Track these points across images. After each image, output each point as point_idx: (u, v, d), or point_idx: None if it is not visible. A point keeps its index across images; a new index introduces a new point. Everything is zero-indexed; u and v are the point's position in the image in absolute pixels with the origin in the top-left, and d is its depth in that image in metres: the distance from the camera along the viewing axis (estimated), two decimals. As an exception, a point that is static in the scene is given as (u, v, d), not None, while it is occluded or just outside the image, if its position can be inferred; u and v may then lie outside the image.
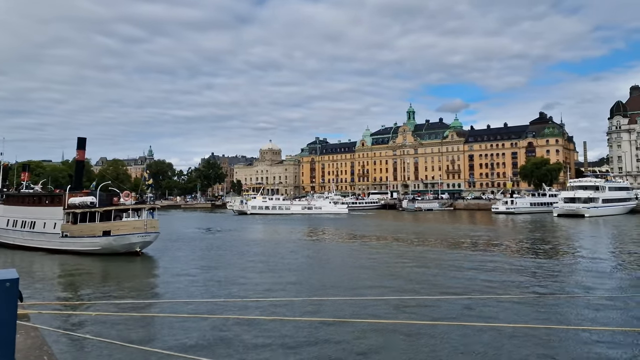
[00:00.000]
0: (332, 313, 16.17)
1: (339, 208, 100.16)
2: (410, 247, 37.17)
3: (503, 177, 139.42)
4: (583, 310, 16.64)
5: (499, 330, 13.74)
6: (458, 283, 21.42)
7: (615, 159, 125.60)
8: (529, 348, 12.40)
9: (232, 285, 21.48)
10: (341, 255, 33.35)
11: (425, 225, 62.50)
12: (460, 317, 15.30)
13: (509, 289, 20.03)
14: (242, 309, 16.82)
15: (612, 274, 24.08)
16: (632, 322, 14.99)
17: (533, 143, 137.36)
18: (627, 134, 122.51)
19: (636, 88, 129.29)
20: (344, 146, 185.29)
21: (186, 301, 17.85)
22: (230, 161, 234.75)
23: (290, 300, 17.76)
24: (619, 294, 19.09)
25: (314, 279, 23.53)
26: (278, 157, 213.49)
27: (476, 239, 43.21)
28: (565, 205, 78.24)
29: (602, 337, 13.24)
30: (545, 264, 27.48)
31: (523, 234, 49.01)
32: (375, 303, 17.32)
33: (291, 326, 14.44)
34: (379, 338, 13.36)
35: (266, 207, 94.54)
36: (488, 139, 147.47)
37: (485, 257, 30.63)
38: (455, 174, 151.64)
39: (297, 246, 38.37)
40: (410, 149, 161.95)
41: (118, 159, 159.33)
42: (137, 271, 27.33)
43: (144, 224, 31.40)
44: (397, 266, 26.99)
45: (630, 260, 29.28)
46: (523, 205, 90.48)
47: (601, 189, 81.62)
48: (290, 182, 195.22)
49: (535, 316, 15.59)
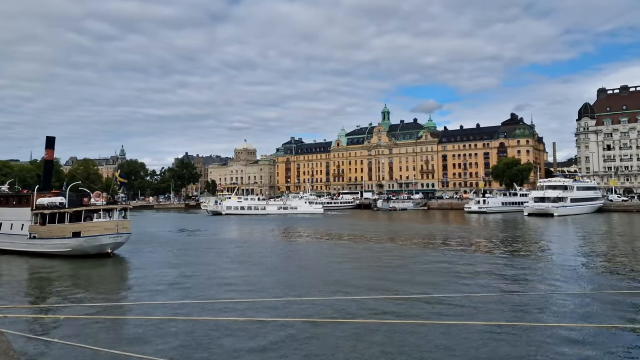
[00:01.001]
0: (310, 313, 16.17)
1: (314, 208, 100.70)
2: (385, 246, 37.44)
3: (476, 177, 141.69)
4: (553, 307, 17.03)
5: (471, 328, 13.95)
6: (432, 282, 21.67)
7: (583, 159, 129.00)
8: (502, 345, 12.62)
9: (207, 287, 21.27)
10: (318, 255, 33.38)
11: (399, 225, 63.06)
12: (434, 316, 15.49)
13: (482, 287, 20.37)
14: (217, 310, 16.67)
15: (581, 272, 24.73)
16: (600, 318, 15.40)
17: (505, 143, 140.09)
18: (595, 135, 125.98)
19: (603, 91, 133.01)
20: (319, 146, 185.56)
21: (159, 303, 17.59)
22: (205, 161, 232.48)
23: (267, 301, 17.69)
24: (587, 292, 19.60)
25: (291, 280, 23.50)
26: (253, 157, 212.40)
27: (449, 238, 43.82)
28: (535, 205, 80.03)
29: (571, 334, 13.58)
30: (516, 262, 28.05)
31: (495, 233, 49.92)
32: (352, 303, 17.38)
33: (269, 327, 14.38)
34: (358, 337, 13.42)
35: (241, 208, 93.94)
36: (461, 139, 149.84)
37: (458, 256, 31.10)
38: (429, 174, 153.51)
39: (273, 246, 38.26)
40: (385, 149, 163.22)
41: (89, 158, 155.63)
42: (109, 273, 26.83)
43: (115, 224, 30.82)
44: (372, 266, 27.17)
45: (597, 259, 30.13)
46: (495, 204, 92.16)
47: (569, 189, 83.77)
48: (265, 182, 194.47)
49: (507, 313, 15.88)
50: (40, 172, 53.84)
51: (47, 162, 40.04)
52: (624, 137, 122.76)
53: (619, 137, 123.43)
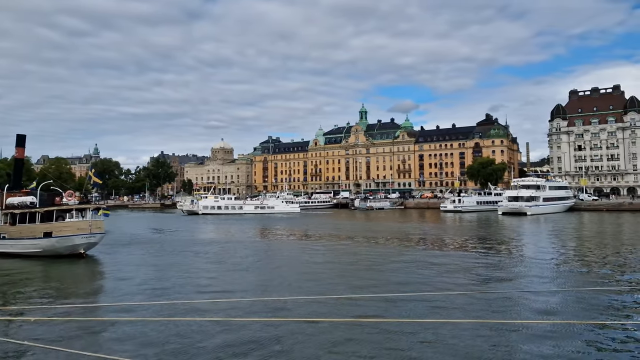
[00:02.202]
0: (290, 313, 16.13)
1: (291, 207, 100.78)
2: (361, 245, 37.62)
3: (451, 176, 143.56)
4: (527, 304, 17.35)
5: (447, 326, 14.13)
6: (409, 280, 21.85)
7: (555, 159, 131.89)
8: (478, 342, 12.80)
9: (183, 287, 21.03)
10: (295, 254, 33.34)
11: (376, 224, 63.45)
12: (411, 314, 15.62)
13: (457, 284, 20.62)
14: (193, 310, 16.50)
15: (553, 270, 25.27)
16: (572, 315, 15.76)
17: (480, 143, 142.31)
18: (566, 135, 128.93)
19: (575, 92, 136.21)
20: (297, 145, 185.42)
21: (133, 304, 17.34)
22: (181, 160, 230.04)
23: (243, 301, 17.59)
24: (559, 289, 20.02)
25: (267, 279, 23.42)
26: (230, 156, 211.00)
27: (425, 237, 44.28)
28: (509, 204, 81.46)
29: (545, 330, 13.86)
30: (490, 260, 28.50)
31: (470, 232, 50.64)
32: (331, 302, 17.42)
33: (247, 327, 14.29)
34: (336, 336, 13.44)
35: (218, 207, 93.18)
36: (437, 139, 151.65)
37: (434, 254, 31.46)
38: (405, 174, 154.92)
39: (250, 246, 38.07)
40: (362, 148, 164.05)
41: (61, 157, 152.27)
42: (81, 274, 26.31)
43: (88, 224, 30.23)
44: (349, 264, 27.26)
45: (569, 257, 30.84)
46: (470, 204, 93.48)
47: (542, 188, 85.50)
48: (242, 182, 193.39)
49: (482, 311, 16.10)
50: (10, 171, 52.41)
51: (18, 160, 39.07)
52: (595, 138, 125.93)
53: (589, 137, 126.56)
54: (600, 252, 32.15)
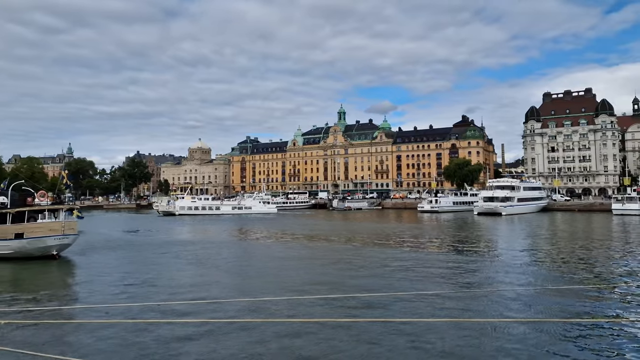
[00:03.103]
0: (265, 313, 16.07)
1: (268, 208, 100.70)
2: (339, 245, 37.73)
3: (429, 177, 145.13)
4: (501, 303, 17.63)
5: (423, 325, 14.27)
6: (386, 280, 21.99)
7: (529, 160, 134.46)
8: (456, 341, 12.96)
9: (158, 289, 20.77)
10: (272, 255, 33.24)
11: (354, 224, 63.70)
12: (389, 314, 15.73)
13: (434, 284, 20.85)
14: (169, 312, 16.30)
15: (526, 269, 25.72)
16: (545, 312, 16.08)
17: (456, 145, 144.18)
18: (540, 137, 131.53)
19: (548, 95, 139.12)
20: (275, 146, 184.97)
21: (107, 306, 17.05)
22: (157, 160, 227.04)
23: (220, 302, 17.47)
24: (532, 287, 20.40)
25: (244, 280, 23.30)
26: (208, 156, 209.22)
27: (402, 237, 44.62)
28: (485, 204, 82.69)
29: (521, 329, 14.10)
30: (465, 260, 28.89)
31: (446, 232, 51.24)
32: (307, 302, 17.42)
33: (223, 328, 14.20)
34: (313, 337, 13.45)
35: (195, 208, 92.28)
36: (415, 140, 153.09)
37: (410, 254, 31.73)
38: (383, 174, 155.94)
39: (228, 247, 37.83)
40: (340, 149, 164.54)
41: (33, 156, 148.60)
42: (54, 276, 25.74)
43: (61, 225, 29.61)
44: (325, 265, 27.29)
45: (542, 256, 31.45)
46: (446, 204, 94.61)
47: (516, 189, 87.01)
48: (220, 182, 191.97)
49: (459, 310, 16.31)
50: (-20, 171, 51.01)
51: (-13, 160, 38.03)
52: (567, 139, 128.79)
53: (562, 139, 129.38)
54: (572, 251, 32.88)
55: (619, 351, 12.21)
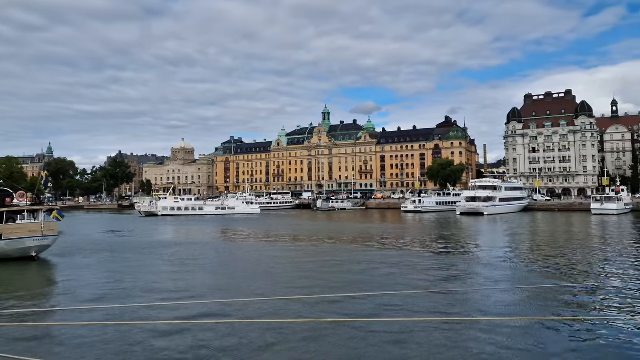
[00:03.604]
0: (248, 314, 16.02)
1: (251, 208, 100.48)
2: (323, 246, 37.77)
3: (412, 177, 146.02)
4: (484, 302, 17.85)
5: (407, 324, 14.37)
6: (370, 280, 22.07)
7: (511, 161, 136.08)
8: (439, 339, 13.08)
9: (140, 290, 20.54)
10: (255, 255, 33.12)
11: (338, 225, 63.79)
12: (373, 313, 15.80)
13: (416, 284, 20.99)
14: (150, 314, 16.16)
15: (508, 268, 26.06)
16: (527, 311, 16.30)
17: (439, 145, 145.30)
18: (522, 138, 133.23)
19: (529, 96, 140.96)
20: (260, 146, 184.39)
21: (87, 308, 16.84)
22: (140, 160, 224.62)
23: (202, 303, 17.37)
24: (514, 286, 20.67)
25: (226, 281, 23.19)
26: (191, 156, 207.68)
27: (386, 237, 44.83)
28: (467, 204, 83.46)
29: (504, 326, 14.28)
30: (448, 260, 29.16)
31: (430, 231, 51.62)
32: (290, 302, 17.42)
33: (203, 329, 14.12)
34: (290, 337, 13.45)
35: (178, 208, 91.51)
36: (398, 140, 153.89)
37: (394, 254, 31.92)
38: (367, 174, 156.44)
39: (209, 247, 37.61)
40: (325, 149, 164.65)
41: (12, 156, 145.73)
42: (33, 277, 25.33)
43: (40, 226, 29.13)
44: (310, 265, 27.30)
45: (523, 255, 31.91)
46: (430, 204, 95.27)
47: (498, 189, 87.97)
48: (203, 182, 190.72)
49: (443, 309, 16.45)
50: (-44, 171, 49.89)
51: (-36, 159, 37.24)
52: (548, 140, 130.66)
53: (543, 140, 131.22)
54: (552, 250, 33.38)
55: (600, 348, 12.44)
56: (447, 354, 12.02)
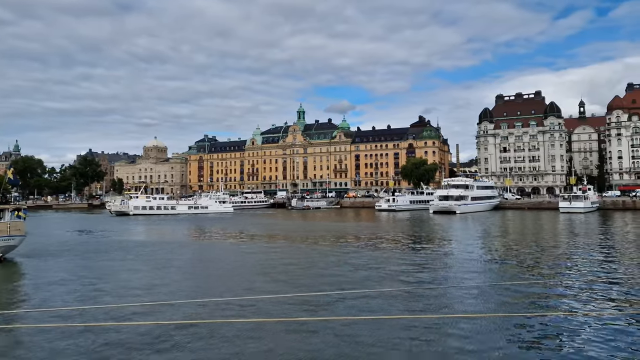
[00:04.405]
0: (220, 313, 15.91)
1: (224, 207, 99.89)
2: (297, 245, 37.75)
3: (386, 176, 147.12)
4: (455, 299, 18.13)
5: (379, 322, 14.49)
6: (343, 278, 22.17)
7: (482, 160, 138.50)
8: (410, 337, 13.22)
9: (110, 291, 20.17)
10: (228, 255, 32.91)
11: (312, 224, 63.84)
12: (342, 312, 15.87)
13: (388, 282, 21.19)
14: (120, 315, 15.89)
15: (479, 265, 26.53)
16: (499, 308, 16.62)
17: (413, 144, 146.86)
18: (493, 138, 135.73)
19: (501, 97, 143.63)
20: (234, 145, 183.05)
21: (56, 310, 16.45)
22: (111, 158, 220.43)
23: (173, 303, 17.17)
24: (485, 283, 21.04)
25: (199, 281, 22.98)
26: (164, 154, 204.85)
27: (360, 235, 45.04)
28: (440, 203, 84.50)
29: (472, 324, 14.53)
30: (420, 257, 29.49)
31: (403, 230, 52.11)
32: (264, 301, 17.36)
33: (174, 330, 13.96)
34: (264, 337, 13.42)
35: (150, 207, 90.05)
36: (373, 139, 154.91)
37: (367, 252, 32.10)
38: (342, 173, 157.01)
39: (181, 247, 37.19)
40: (299, 148, 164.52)
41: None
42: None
43: (7, 226, 28.28)
44: (283, 264, 27.25)
45: (494, 252, 32.52)
46: (403, 203, 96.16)
47: (470, 188, 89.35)
48: (177, 181, 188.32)
49: (412, 307, 16.65)
50: None
51: None
52: (518, 140, 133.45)
53: (513, 140, 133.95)
54: (522, 248, 34.11)
55: (569, 343, 12.79)
56: (417, 351, 12.17)
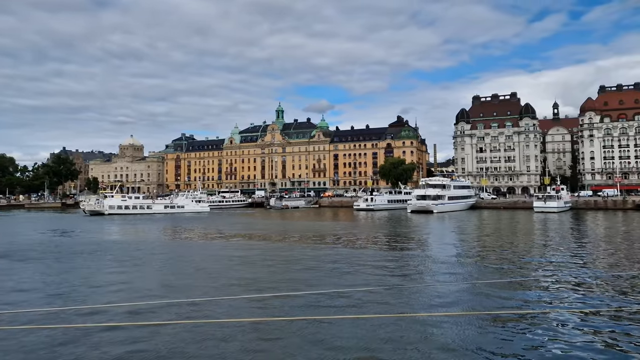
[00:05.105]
0: (196, 314, 15.67)
1: (200, 207, 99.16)
2: (274, 244, 37.56)
3: (365, 175, 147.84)
4: (432, 298, 18.19)
5: (355, 321, 14.44)
6: (318, 277, 22.10)
7: (459, 160, 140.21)
8: (387, 335, 13.20)
9: (83, 291, 19.71)
10: (205, 254, 32.52)
11: (291, 223, 63.67)
12: (320, 311, 15.79)
13: (365, 281, 21.19)
14: (93, 316, 15.51)
15: (455, 265, 26.72)
16: (473, 306, 16.75)
17: (391, 144, 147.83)
18: (470, 138, 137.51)
19: (477, 98, 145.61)
20: (212, 143, 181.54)
21: (26, 311, 15.97)
22: (85, 157, 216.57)
23: (147, 304, 16.84)
24: (461, 282, 21.21)
25: (174, 281, 22.62)
26: (140, 153, 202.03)
27: (338, 235, 45.06)
28: (417, 202, 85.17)
29: (449, 322, 14.60)
30: (398, 257, 29.63)
31: (381, 229, 52.36)
32: (241, 301, 17.17)
33: (148, 330, 13.68)
34: (240, 336, 13.25)
35: (125, 207, 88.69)
36: (352, 139, 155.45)
37: (345, 251, 32.09)
38: (321, 173, 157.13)
39: (156, 247, 36.65)
40: (278, 147, 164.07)
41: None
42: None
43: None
44: (260, 264, 27.07)
45: (470, 252, 32.87)
46: (381, 202, 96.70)
47: (447, 188, 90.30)
48: (153, 180, 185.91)
49: (389, 306, 16.65)
50: None
51: None
52: (494, 141, 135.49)
53: (489, 140, 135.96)
54: (498, 247, 34.58)
55: (544, 341, 12.93)
56: (395, 350, 12.15)
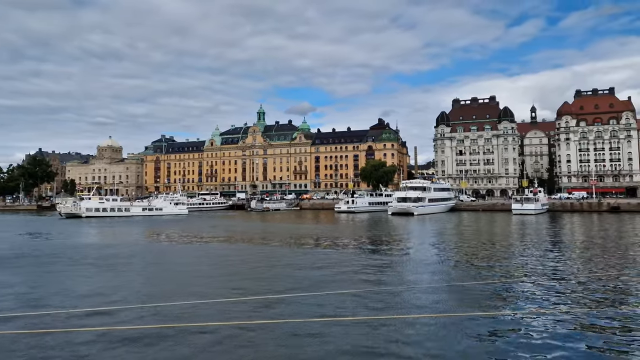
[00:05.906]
0: (174, 319, 15.43)
1: (179, 209, 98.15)
2: (255, 247, 37.35)
3: (346, 177, 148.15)
4: (411, 300, 18.24)
5: (335, 324, 14.39)
6: (298, 280, 22.00)
7: (439, 163, 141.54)
8: (367, 338, 13.17)
9: (58, 296, 19.26)
10: (183, 258, 32.16)
11: (271, 225, 63.40)
12: (299, 314, 15.71)
13: (345, 283, 21.15)
14: (70, 321, 15.17)
15: (435, 266, 26.89)
16: (455, 307, 16.85)
17: (372, 147, 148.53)
18: (450, 141, 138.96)
19: (457, 101, 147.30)
20: (192, 145, 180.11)
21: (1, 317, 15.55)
22: (62, 158, 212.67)
23: (125, 308, 16.55)
24: (440, 284, 21.33)
25: (153, 285, 22.30)
26: (119, 155, 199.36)
27: (318, 237, 45.03)
28: (398, 205, 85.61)
29: (426, 323, 14.64)
30: (378, 259, 29.68)
31: (361, 231, 52.46)
32: (217, 305, 16.99)
33: (124, 334, 13.42)
34: (222, 340, 13.09)
35: (103, 209, 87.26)
36: (333, 141, 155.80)
37: (324, 254, 32.05)
38: (302, 175, 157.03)
39: (135, 250, 36.11)
40: (259, 149, 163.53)
41: None
42: None
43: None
44: (239, 266, 26.87)
45: (449, 253, 33.13)
46: (362, 204, 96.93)
47: (427, 190, 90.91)
48: (132, 182, 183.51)
49: (368, 307, 16.64)
50: None
51: None
52: (473, 143, 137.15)
53: (469, 143, 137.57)
54: (477, 248, 34.92)
55: (524, 342, 13.05)
56: (373, 352, 12.13)
